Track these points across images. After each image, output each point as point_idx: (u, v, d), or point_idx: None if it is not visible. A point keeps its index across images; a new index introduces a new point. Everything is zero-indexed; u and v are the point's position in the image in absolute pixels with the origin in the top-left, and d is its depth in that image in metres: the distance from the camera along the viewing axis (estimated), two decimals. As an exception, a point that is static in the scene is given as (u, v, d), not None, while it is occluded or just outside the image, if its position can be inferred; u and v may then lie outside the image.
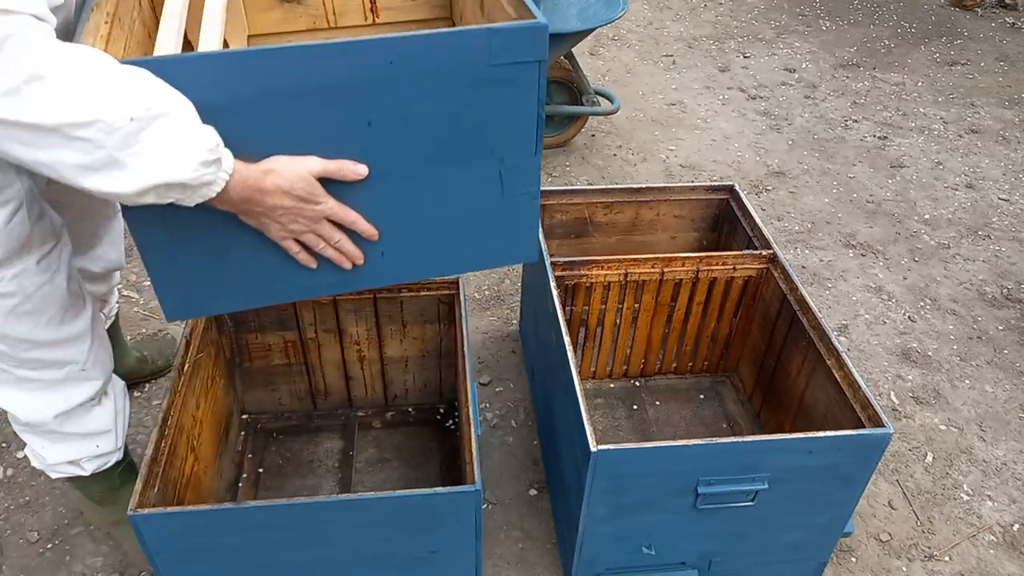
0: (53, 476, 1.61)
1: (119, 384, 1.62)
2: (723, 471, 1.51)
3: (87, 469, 1.59)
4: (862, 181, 3.29)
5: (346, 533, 1.43)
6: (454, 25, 1.79)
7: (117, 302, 2.01)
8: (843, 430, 1.54)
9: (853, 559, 1.89)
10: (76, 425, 1.52)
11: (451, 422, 2.10)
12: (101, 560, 1.82)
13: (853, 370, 1.63)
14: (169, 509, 1.36)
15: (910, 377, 2.38)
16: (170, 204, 1.08)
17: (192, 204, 1.09)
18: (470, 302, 2.58)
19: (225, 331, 1.90)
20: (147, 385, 2.24)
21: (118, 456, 1.64)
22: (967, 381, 2.38)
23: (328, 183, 1.19)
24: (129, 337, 2.30)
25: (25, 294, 1.32)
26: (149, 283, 2.59)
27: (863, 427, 1.55)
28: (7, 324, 1.33)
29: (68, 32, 1.20)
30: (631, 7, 4.82)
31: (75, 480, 1.64)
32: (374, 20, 1.78)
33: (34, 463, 1.60)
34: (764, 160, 3.40)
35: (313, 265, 1.28)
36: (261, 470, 1.97)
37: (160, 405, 1.54)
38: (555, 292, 1.78)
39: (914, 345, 2.49)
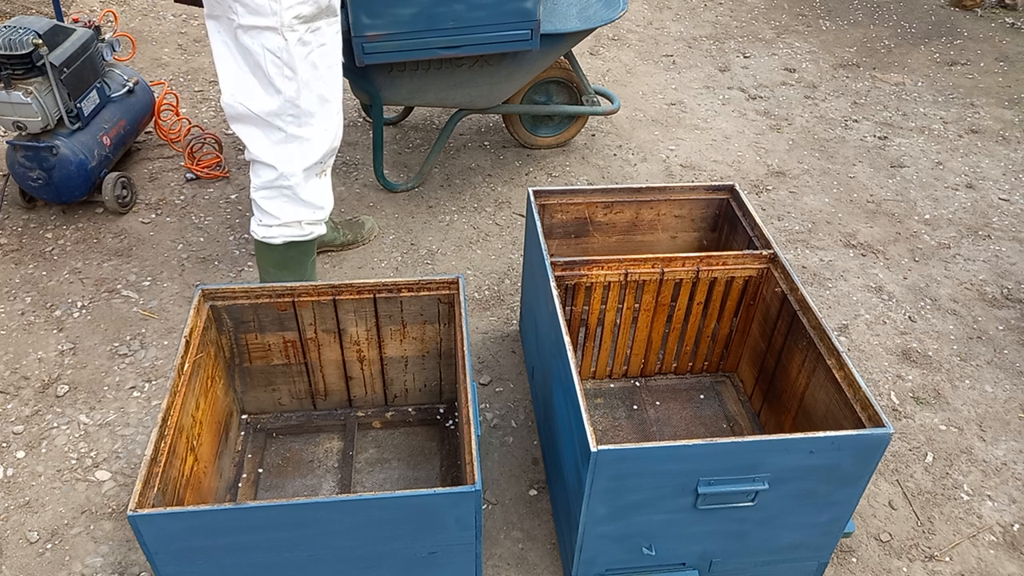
0: (277, 241, 2.14)
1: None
2: (723, 471, 1.51)
3: (306, 231, 2.14)
4: (862, 181, 3.29)
5: (346, 533, 1.44)
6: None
7: None
8: (843, 430, 1.54)
9: (854, 559, 1.89)
10: (308, 190, 2.08)
11: (451, 422, 2.10)
12: (101, 560, 1.82)
13: (853, 370, 1.63)
14: (169, 509, 1.36)
15: (910, 377, 2.38)
16: None
17: None
18: (470, 302, 2.58)
19: (225, 331, 1.90)
20: (147, 385, 2.24)
21: (320, 231, 2.19)
22: (967, 381, 2.38)
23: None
24: None
25: (329, 41, 1.95)
26: (148, 283, 2.59)
27: (863, 427, 1.55)
28: (311, 70, 1.93)
29: None
30: (631, 7, 4.82)
31: (272, 248, 2.17)
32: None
33: (259, 234, 2.14)
34: (764, 160, 3.40)
35: None
36: (261, 470, 1.97)
37: (160, 405, 1.54)
38: (555, 292, 1.78)
39: (914, 345, 2.49)
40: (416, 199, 3.06)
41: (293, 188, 2.07)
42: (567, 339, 1.66)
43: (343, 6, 2.48)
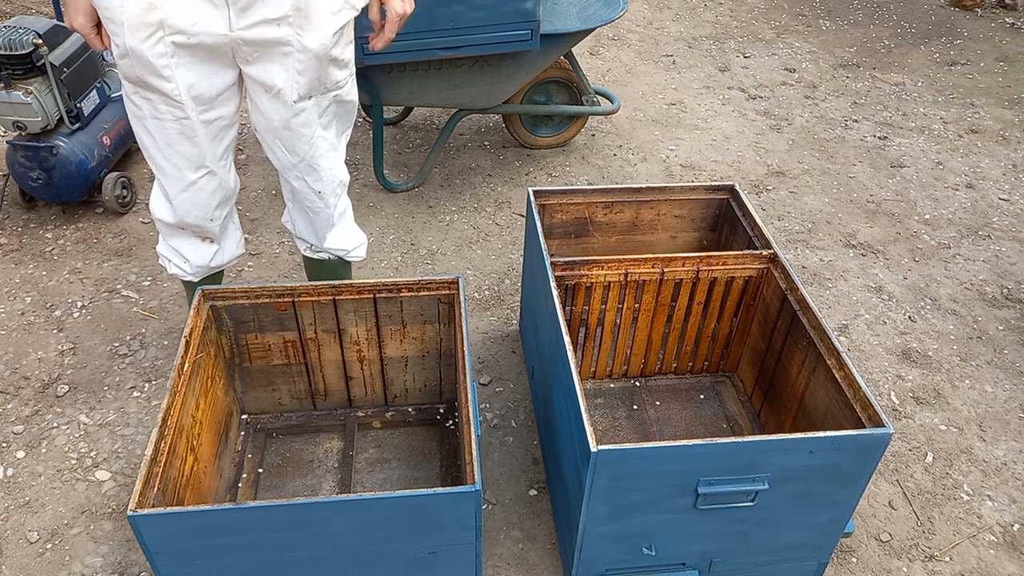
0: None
1: (231, 240, 2.08)
2: (723, 471, 1.51)
3: (168, 270, 2.05)
4: (862, 181, 3.29)
5: (346, 533, 1.44)
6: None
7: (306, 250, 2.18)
8: (843, 430, 1.54)
9: (853, 559, 1.89)
10: (161, 244, 2.01)
11: (451, 422, 2.10)
12: (101, 560, 1.82)
13: (853, 370, 1.63)
14: (169, 509, 1.36)
15: (910, 377, 2.38)
16: None
17: None
18: (470, 302, 2.58)
19: (225, 331, 1.90)
20: (147, 385, 2.24)
21: (191, 278, 2.06)
22: (967, 381, 2.38)
23: None
24: None
25: (165, 118, 1.73)
26: (149, 283, 2.59)
27: (863, 427, 1.55)
28: (144, 134, 1.78)
29: None
30: (631, 7, 4.82)
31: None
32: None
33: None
34: (764, 160, 3.40)
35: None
36: (261, 470, 1.97)
37: (160, 405, 1.54)
38: (555, 292, 1.78)
39: (914, 345, 2.49)
40: (416, 199, 3.06)
41: (159, 230, 2.00)
42: (567, 339, 1.66)
43: None
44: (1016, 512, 2.01)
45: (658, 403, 2.19)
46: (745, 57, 4.29)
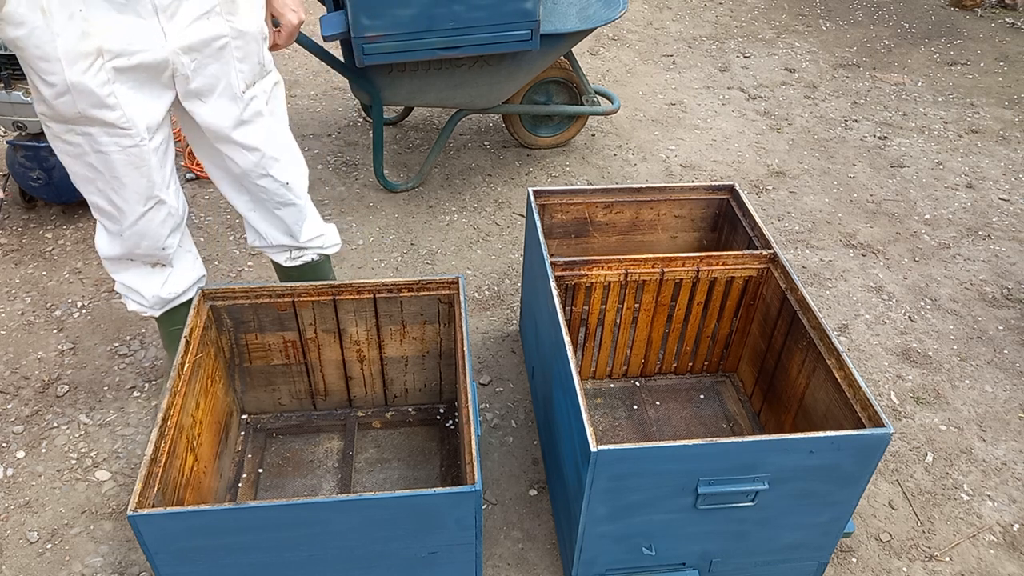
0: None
1: (183, 275, 2.01)
2: (723, 471, 1.51)
3: (129, 307, 2.03)
4: (862, 181, 3.29)
5: (346, 533, 1.44)
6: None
7: (306, 255, 2.16)
8: (843, 430, 1.54)
9: (853, 559, 1.89)
10: (121, 276, 1.96)
11: (451, 422, 2.10)
12: (101, 560, 1.82)
13: (853, 370, 1.63)
14: (169, 509, 1.36)
15: (910, 377, 2.38)
16: None
17: None
18: (470, 302, 2.58)
19: (225, 331, 1.90)
20: (147, 385, 2.24)
21: (152, 313, 2.03)
22: (967, 381, 2.38)
23: None
24: None
25: (111, 152, 1.67)
26: (149, 283, 2.59)
27: (863, 427, 1.55)
28: (88, 169, 1.72)
29: None
30: (631, 7, 4.82)
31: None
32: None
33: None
34: (764, 160, 3.40)
35: None
36: (261, 470, 1.97)
37: (160, 405, 1.54)
38: (555, 292, 1.78)
39: (914, 345, 2.49)
40: (416, 199, 3.06)
41: (107, 269, 1.95)
42: (567, 339, 1.66)
43: (342, 7, 2.48)
44: (1016, 512, 2.01)
45: (658, 403, 2.19)
46: (745, 57, 4.29)
